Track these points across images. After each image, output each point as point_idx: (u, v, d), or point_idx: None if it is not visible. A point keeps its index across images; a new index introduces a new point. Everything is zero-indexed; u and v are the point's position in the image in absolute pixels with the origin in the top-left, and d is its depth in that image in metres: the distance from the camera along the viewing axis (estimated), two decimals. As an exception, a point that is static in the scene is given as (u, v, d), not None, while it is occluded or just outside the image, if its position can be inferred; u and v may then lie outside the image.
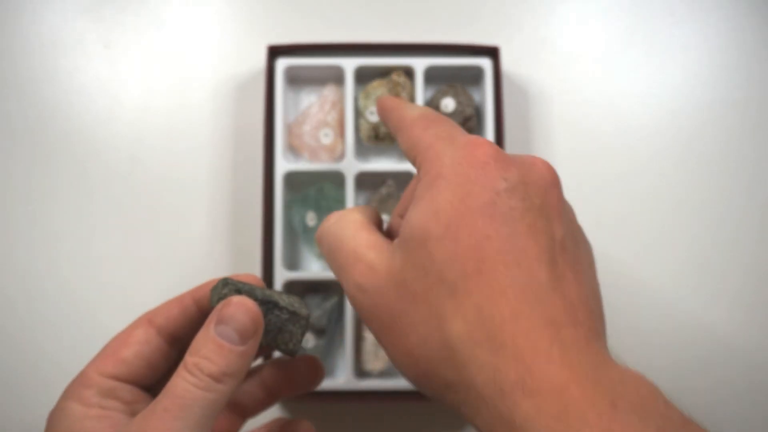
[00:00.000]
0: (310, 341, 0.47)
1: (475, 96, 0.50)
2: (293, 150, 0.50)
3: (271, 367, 0.33)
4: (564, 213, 0.28)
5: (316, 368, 0.33)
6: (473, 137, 0.28)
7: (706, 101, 0.53)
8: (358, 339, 0.47)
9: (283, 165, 0.48)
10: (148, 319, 0.31)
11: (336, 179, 0.49)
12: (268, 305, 0.29)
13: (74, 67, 0.53)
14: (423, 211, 0.27)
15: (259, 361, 0.35)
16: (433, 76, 0.50)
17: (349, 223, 0.30)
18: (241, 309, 0.28)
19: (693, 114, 0.53)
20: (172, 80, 0.53)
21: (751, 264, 0.51)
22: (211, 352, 0.27)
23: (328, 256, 0.30)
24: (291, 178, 0.48)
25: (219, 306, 0.28)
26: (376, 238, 0.29)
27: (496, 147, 0.28)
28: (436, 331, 0.26)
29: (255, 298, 0.29)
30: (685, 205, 0.52)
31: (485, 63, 0.49)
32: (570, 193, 0.34)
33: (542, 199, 0.27)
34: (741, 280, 0.51)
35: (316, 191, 0.48)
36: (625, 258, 0.50)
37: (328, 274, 0.47)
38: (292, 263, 0.49)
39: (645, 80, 0.53)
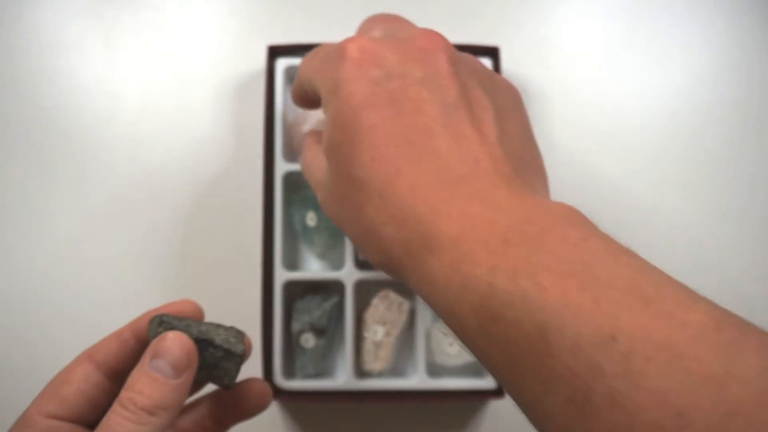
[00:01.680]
0: (310, 341, 0.47)
1: (475, 96, 0.50)
2: (293, 150, 0.50)
3: (217, 395, 0.33)
4: (459, 72, 0.30)
5: (263, 391, 0.34)
6: (344, 41, 0.31)
7: (706, 101, 0.53)
8: (358, 339, 0.47)
9: (283, 165, 0.48)
10: (87, 355, 0.31)
11: (336, 179, 0.49)
12: (202, 343, 0.30)
13: (74, 67, 0.53)
14: (326, 129, 0.30)
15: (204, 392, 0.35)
16: (433, 76, 0.50)
17: (312, 151, 0.35)
18: (175, 343, 0.29)
19: (693, 114, 0.53)
20: (172, 80, 0.53)
21: (751, 265, 0.51)
22: (145, 386, 0.28)
23: (309, 184, 0.35)
24: (291, 178, 0.48)
25: (154, 342, 0.29)
26: (321, 160, 0.33)
27: (369, 39, 0.30)
28: (358, 222, 0.28)
29: (190, 335, 0.30)
30: (685, 205, 0.52)
31: (485, 63, 0.49)
32: (570, 193, 0.34)
33: (425, 69, 0.29)
34: (741, 281, 0.51)
35: (316, 191, 0.48)
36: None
37: (328, 274, 0.47)
38: (292, 263, 0.49)
39: (645, 80, 0.53)
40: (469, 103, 0.29)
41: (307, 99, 0.37)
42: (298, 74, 0.36)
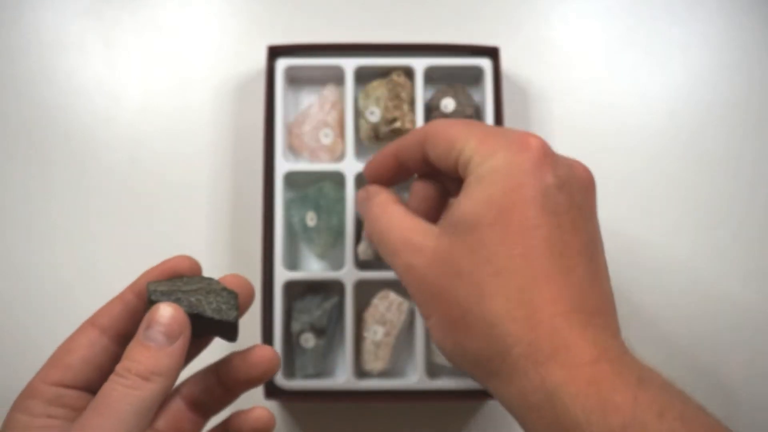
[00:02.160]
0: (310, 341, 0.47)
1: (475, 96, 0.50)
2: (293, 150, 0.50)
3: (225, 361, 0.33)
4: (594, 215, 0.31)
5: (270, 356, 0.33)
6: (524, 132, 0.31)
7: (707, 101, 0.53)
8: (358, 339, 0.47)
9: (283, 165, 0.48)
10: (90, 322, 0.31)
11: (336, 179, 0.49)
12: (194, 317, 0.30)
13: (74, 67, 0.53)
14: (476, 199, 0.29)
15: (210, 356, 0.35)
16: (433, 76, 0.50)
17: (393, 214, 0.33)
18: (165, 313, 0.29)
19: (693, 114, 0.53)
20: (172, 80, 0.53)
21: (751, 264, 0.51)
22: (139, 354, 0.28)
23: (380, 246, 0.33)
24: (291, 178, 0.48)
25: (146, 316, 0.29)
26: (420, 223, 0.32)
27: (546, 143, 0.31)
28: (477, 305, 0.28)
29: (186, 292, 0.30)
30: (685, 205, 0.52)
31: (485, 63, 0.49)
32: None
33: (583, 198, 0.30)
34: (741, 282, 0.51)
35: (316, 191, 0.48)
36: (625, 258, 0.50)
37: (328, 274, 0.47)
38: (292, 263, 0.49)
39: (645, 80, 0.53)
40: (600, 247, 0.31)
41: (402, 168, 0.36)
42: (434, 137, 0.33)
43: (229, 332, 0.31)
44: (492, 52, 0.49)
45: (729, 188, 0.52)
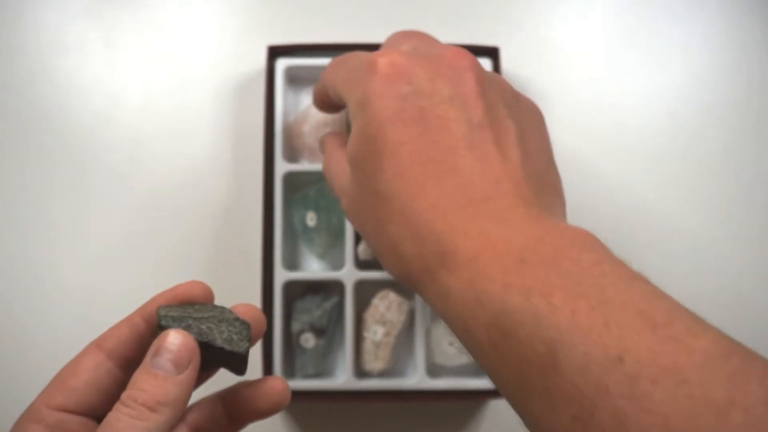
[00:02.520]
0: (310, 341, 0.47)
1: (475, 96, 0.50)
2: (293, 150, 0.50)
3: (233, 391, 0.32)
4: (486, 92, 0.30)
5: (282, 389, 0.32)
6: (375, 54, 0.31)
7: (707, 101, 0.53)
8: (358, 339, 0.47)
9: (283, 165, 0.48)
10: (96, 344, 0.30)
11: (336, 179, 0.49)
12: (203, 345, 0.29)
13: (74, 67, 0.53)
14: (353, 137, 0.31)
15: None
16: (433, 76, 0.50)
17: (333, 161, 0.36)
18: (175, 340, 0.28)
19: (693, 114, 0.53)
20: (172, 80, 0.53)
21: (752, 265, 0.51)
22: (146, 383, 0.27)
23: (332, 192, 0.35)
24: (291, 178, 0.48)
25: (154, 342, 0.28)
26: (344, 166, 0.33)
27: (401, 53, 0.31)
28: (380, 235, 0.29)
29: (197, 320, 0.29)
30: (685, 205, 0.52)
31: (485, 63, 0.49)
32: (570, 194, 0.34)
33: (453, 88, 0.30)
34: (741, 281, 0.51)
35: (316, 191, 0.48)
36: (625, 258, 0.50)
37: (328, 274, 0.47)
38: (292, 263, 0.49)
39: (645, 80, 0.53)
40: (494, 123, 0.30)
41: (330, 104, 0.38)
42: (323, 80, 0.37)
43: (239, 364, 0.30)
44: (492, 52, 0.49)
45: (729, 188, 0.52)
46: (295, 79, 0.51)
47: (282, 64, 0.49)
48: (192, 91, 0.52)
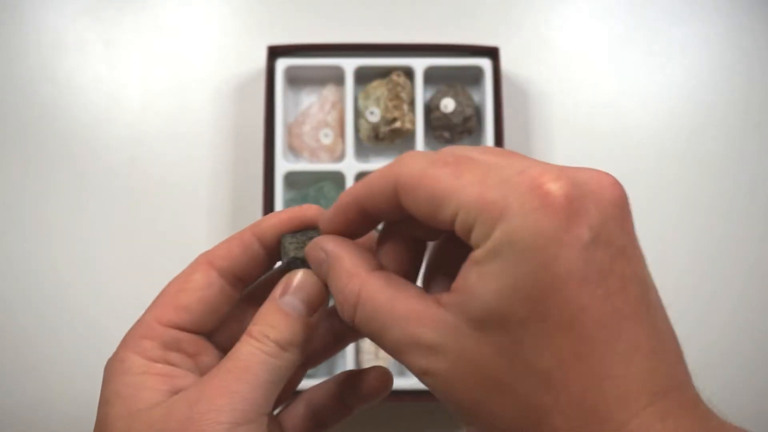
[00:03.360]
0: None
1: (475, 96, 0.50)
2: (293, 150, 0.50)
3: (343, 379, 0.31)
4: (635, 237, 0.24)
5: (386, 378, 0.31)
6: (537, 175, 0.22)
7: (707, 101, 0.53)
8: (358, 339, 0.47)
9: (283, 165, 0.48)
10: (207, 260, 0.29)
11: (336, 179, 0.49)
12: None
13: (74, 67, 0.53)
14: (497, 287, 0.22)
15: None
16: (432, 76, 0.50)
17: (379, 298, 0.25)
18: (307, 282, 0.27)
19: (693, 114, 0.53)
20: (172, 80, 0.53)
21: (753, 263, 0.51)
22: (278, 321, 0.26)
23: (372, 339, 0.25)
24: (291, 178, 0.48)
25: (284, 279, 0.27)
26: (418, 304, 0.24)
27: (566, 178, 0.22)
28: (533, 427, 0.23)
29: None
30: (686, 205, 0.52)
31: (485, 63, 0.49)
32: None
33: (623, 235, 0.23)
34: (744, 280, 0.50)
35: (316, 191, 0.48)
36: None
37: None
38: (292, 263, 0.49)
39: (645, 80, 0.53)
40: (648, 278, 0.23)
41: (369, 220, 0.27)
42: (412, 188, 0.24)
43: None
44: (492, 52, 0.49)
45: (729, 188, 0.52)
46: (295, 79, 0.51)
47: (282, 64, 0.49)
48: (192, 91, 0.52)
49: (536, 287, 0.22)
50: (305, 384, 0.32)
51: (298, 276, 0.27)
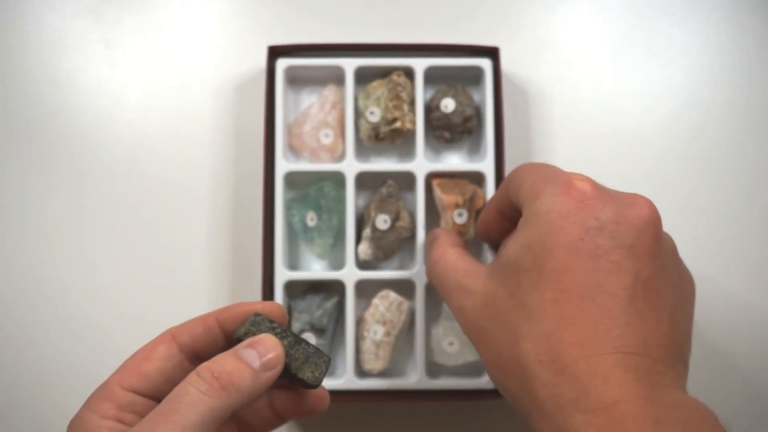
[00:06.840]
0: (310, 341, 0.47)
1: (475, 96, 0.50)
2: (293, 150, 0.50)
3: (280, 390, 0.33)
4: (659, 253, 0.30)
5: (322, 396, 0.34)
6: (574, 175, 0.32)
7: (707, 101, 0.53)
8: (358, 339, 0.47)
9: (283, 165, 0.48)
10: (171, 335, 0.31)
11: (336, 179, 0.49)
12: (296, 338, 0.31)
13: (74, 67, 0.53)
14: (518, 244, 0.31)
15: None
16: (433, 76, 0.50)
17: (449, 258, 0.36)
18: (268, 343, 0.29)
19: (694, 114, 0.53)
20: (173, 81, 0.53)
21: (753, 266, 0.51)
22: (228, 363, 0.28)
23: (438, 288, 0.36)
24: (291, 178, 0.48)
25: (250, 338, 0.30)
26: (473, 265, 0.34)
27: (595, 185, 0.31)
28: (510, 347, 0.29)
29: (285, 336, 0.31)
30: (686, 206, 0.52)
31: (485, 63, 0.49)
32: (570, 194, 0.34)
33: (635, 238, 0.29)
34: (744, 281, 0.51)
35: (316, 191, 0.48)
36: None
37: (328, 274, 0.47)
38: (292, 263, 0.49)
39: (646, 80, 0.53)
40: (658, 285, 0.30)
41: (503, 216, 0.37)
42: (511, 181, 0.35)
43: (319, 369, 0.32)
44: (492, 52, 0.49)
45: (729, 188, 0.52)
46: (295, 79, 0.51)
47: (282, 64, 0.49)
48: (192, 91, 0.52)
49: (541, 246, 0.30)
50: None
51: (262, 335, 0.30)
